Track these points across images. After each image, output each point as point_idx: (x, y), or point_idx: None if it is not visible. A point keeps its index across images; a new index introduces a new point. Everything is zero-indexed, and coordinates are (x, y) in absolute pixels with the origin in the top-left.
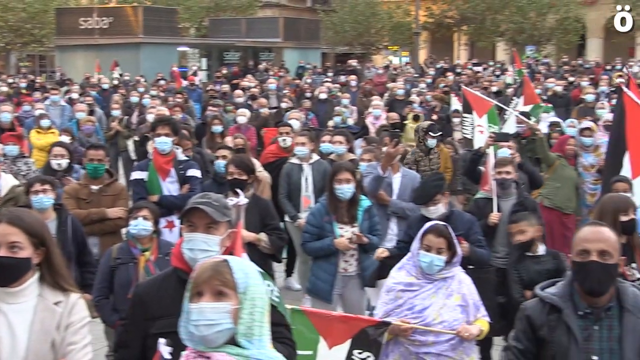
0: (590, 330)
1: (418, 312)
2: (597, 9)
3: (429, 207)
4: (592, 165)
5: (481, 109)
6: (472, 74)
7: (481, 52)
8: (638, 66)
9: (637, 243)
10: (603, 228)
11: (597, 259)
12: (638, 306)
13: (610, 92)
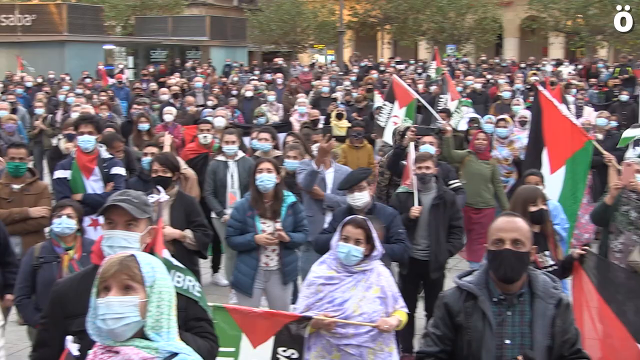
0: (503, 315)
1: (338, 305)
2: (513, 9)
3: (355, 193)
4: (506, 159)
5: (403, 101)
6: (394, 71)
7: (404, 50)
8: (551, 65)
9: (549, 232)
10: (516, 218)
11: (511, 247)
12: (547, 292)
13: (525, 89)
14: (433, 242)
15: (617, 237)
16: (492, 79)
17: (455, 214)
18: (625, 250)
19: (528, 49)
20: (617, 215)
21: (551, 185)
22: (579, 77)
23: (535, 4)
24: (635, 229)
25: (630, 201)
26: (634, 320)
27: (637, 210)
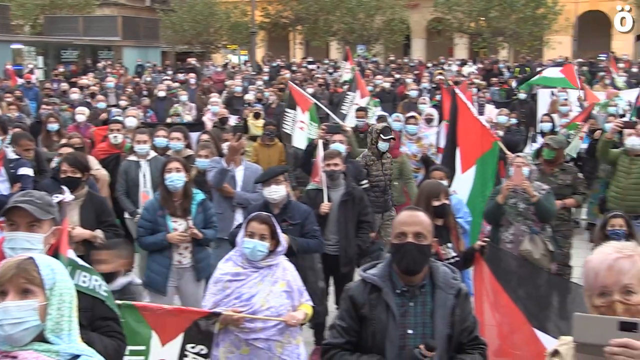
0: (406, 306)
1: (246, 300)
2: (419, 11)
3: (272, 186)
4: (415, 155)
5: (304, 106)
6: (306, 71)
7: (316, 50)
8: (457, 64)
9: (452, 224)
10: (418, 212)
11: (413, 240)
12: (447, 283)
13: (431, 88)
14: (342, 237)
15: (507, 229)
16: (400, 78)
17: (364, 210)
18: (516, 241)
19: (434, 49)
20: (506, 208)
21: (462, 183)
22: (480, 76)
23: (440, 7)
24: (524, 220)
25: (517, 194)
26: (528, 306)
27: (525, 202)
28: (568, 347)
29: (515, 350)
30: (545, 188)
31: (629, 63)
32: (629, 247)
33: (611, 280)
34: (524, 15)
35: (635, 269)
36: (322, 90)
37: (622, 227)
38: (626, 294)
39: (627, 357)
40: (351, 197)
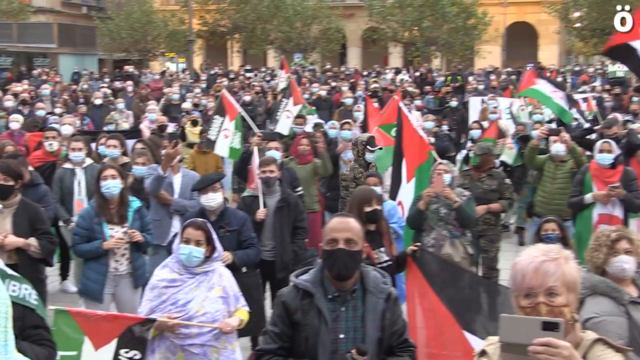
0: (338, 311)
1: (182, 306)
2: (355, 21)
3: (209, 194)
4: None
5: (232, 114)
6: (244, 79)
7: (253, 58)
8: (393, 72)
9: (384, 230)
10: (349, 219)
11: (344, 246)
12: (378, 287)
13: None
14: (278, 243)
15: (429, 234)
16: (337, 86)
17: (299, 216)
18: (437, 245)
19: (370, 58)
20: (428, 214)
21: (407, 193)
22: (414, 84)
23: (374, 16)
24: (445, 224)
25: (439, 199)
26: (457, 308)
27: (447, 207)
28: (495, 347)
29: (443, 350)
30: (466, 194)
31: (555, 72)
32: (555, 250)
33: (537, 282)
34: (456, 25)
35: (560, 272)
36: (259, 98)
37: (555, 231)
38: (550, 296)
39: (549, 356)
40: (287, 204)
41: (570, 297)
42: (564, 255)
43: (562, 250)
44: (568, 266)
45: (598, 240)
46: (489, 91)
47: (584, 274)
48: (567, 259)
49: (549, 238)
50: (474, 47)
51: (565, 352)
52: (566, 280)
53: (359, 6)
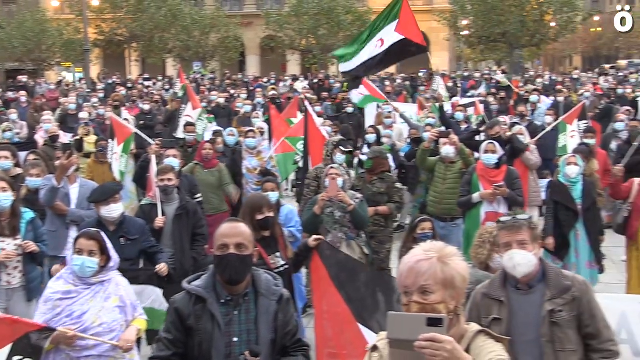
0: (231, 315)
1: (77, 318)
2: (253, 29)
3: (110, 205)
4: (255, 168)
5: (121, 137)
6: (142, 88)
7: (152, 67)
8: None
9: (278, 234)
10: (239, 224)
11: (235, 251)
12: (270, 290)
13: (265, 103)
14: (178, 251)
15: (325, 237)
16: (235, 94)
17: (198, 223)
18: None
19: (268, 65)
20: (323, 217)
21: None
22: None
23: (272, 25)
24: (340, 227)
25: (333, 203)
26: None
27: (341, 210)
28: (385, 342)
29: (344, 350)
30: (358, 197)
31: (447, 78)
32: (435, 249)
33: (410, 282)
34: (351, 33)
35: (433, 270)
36: (158, 107)
37: (430, 230)
38: (424, 294)
39: (433, 350)
40: (185, 211)
41: (447, 294)
42: (443, 254)
43: (443, 249)
44: (445, 264)
45: (482, 237)
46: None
47: (470, 269)
48: (446, 256)
49: (425, 237)
50: None
51: (449, 346)
52: (441, 278)
53: (257, 15)
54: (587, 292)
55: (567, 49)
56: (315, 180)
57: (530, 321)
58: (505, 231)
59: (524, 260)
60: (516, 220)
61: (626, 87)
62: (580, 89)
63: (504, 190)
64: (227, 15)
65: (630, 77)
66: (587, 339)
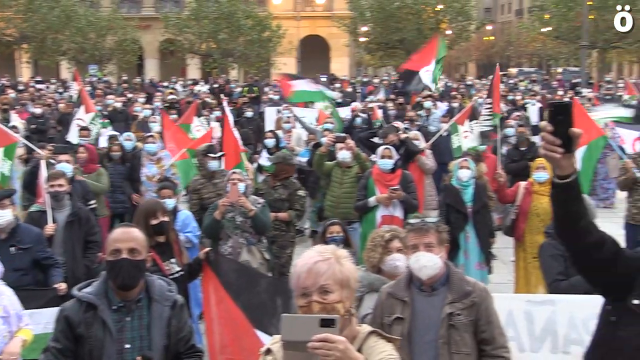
0: (123, 322)
1: None
2: (152, 32)
3: None
4: (154, 176)
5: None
6: (34, 91)
7: (45, 70)
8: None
9: (173, 240)
10: (132, 229)
11: (127, 256)
12: (163, 295)
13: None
14: (69, 259)
15: (226, 242)
16: (133, 98)
17: (91, 230)
18: (235, 253)
19: (168, 69)
20: (224, 222)
21: None
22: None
23: (171, 28)
24: (241, 232)
25: (235, 208)
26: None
27: (242, 215)
28: (279, 345)
29: (239, 356)
30: (260, 201)
31: (347, 83)
32: (329, 251)
33: (310, 282)
34: (252, 38)
35: (332, 271)
36: (51, 110)
37: (339, 234)
38: (323, 294)
39: (326, 351)
40: (77, 218)
41: (343, 294)
42: (338, 255)
43: (336, 251)
44: (341, 265)
45: (374, 241)
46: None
47: (362, 272)
48: (341, 258)
49: (333, 240)
50: (270, 58)
51: (341, 346)
52: (338, 278)
53: (155, 17)
54: (486, 299)
55: (462, 56)
56: (195, 194)
57: (430, 322)
58: (413, 233)
59: (430, 262)
60: (424, 223)
61: (516, 94)
62: (474, 95)
63: (399, 194)
64: (124, 18)
65: (520, 85)
66: (482, 344)
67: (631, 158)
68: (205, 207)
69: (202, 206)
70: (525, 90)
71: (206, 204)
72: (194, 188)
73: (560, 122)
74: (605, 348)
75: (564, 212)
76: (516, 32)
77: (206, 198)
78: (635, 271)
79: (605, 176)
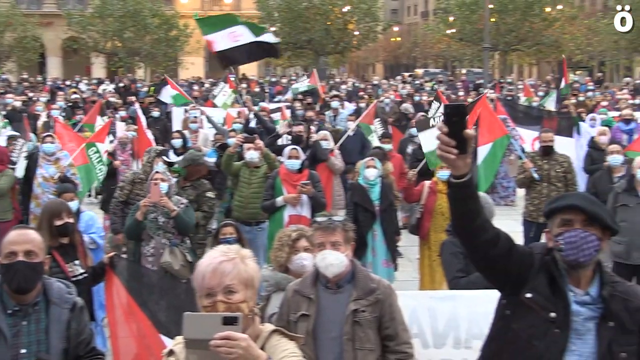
0: (19, 326)
1: None
2: (54, 29)
3: None
4: (52, 177)
5: None
6: None
7: None
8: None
9: (77, 242)
10: (28, 230)
11: (23, 258)
12: (62, 298)
13: (67, 107)
14: None
15: (148, 243)
16: (34, 97)
17: None
18: (157, 254)
19: (71, 68)
20: (146, 223)
21: None
22: (118, 94)
23: (74, 26)
24: (164, 233)
25: (157, 208)
26: (165, 316)
27: (165, 216)
28: (182, 345)
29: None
30: (184, 202)
31: (255, 82)
32: (233, 250)
33: (215, 282)
34: (158, 37)
35: (237, 270)
36: None
37: (232, 235)
38: (228, 294)
39: (228, 348)
40: None
41: (248, 293)
42: (242, 255)
43: (240, 250)
44: (245, 265)
45: (281, 241)
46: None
47: (270, 272)
48: (244, 257)
49: (227, 241)
50: (177, 58)
51: (243, 343)
52: (243, 278)
53: (57, 15)
54: (390, 296)
55: (370, 57)
56: (130, 185)
57: (335, 319)
58: (320, 232)
59: (336, 260)
60: (331, 222)
61: (422, 94)
62: (382, 96)
63: (309, 189)
64: (23, 14)
65: (426, 85)
66: (386, 340)
67: (530, 157)
68: (130, 202)
69: (128, 199)
70: (430, 91)
71: (133, 199)
72: (132, 180)
73: (455, 123)
74: (500, 341)
75: (461, 210)
76: (422, 34)
77: (136, 194)
78: (528, 266)
79: (505, 175)
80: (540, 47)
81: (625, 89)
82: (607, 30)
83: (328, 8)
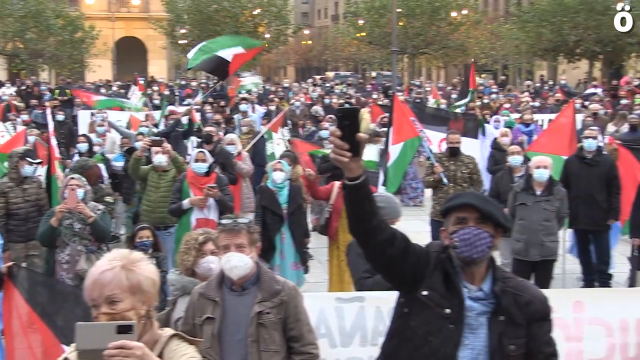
0: None
1: None
2: None
3: None
4: None
5: None
6: None
7: None
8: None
9: None
10: None
11: None
12: None
13: None
14: None
15: (63, 250)
16: None
17: None
18: (72, 261)
19: None
20: (62, 229)
21: None
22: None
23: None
24: (80, 239)
25: (73, 214)
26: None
27: (81, 222)
28: (75, 354)
29: None
30: (100, 208)
31: (164, 85)
32: (119, 257)
33: (96, 294)
34: (63, 38)
35: (117, 279)
36: None
37: (149, 238)
38: (111, 304)
39: (123, 357)
40: None
41: (136, 300)
42: (128, 261)
43: (128, 256)
44: (129, 271)
45: (187, 244)
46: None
47: (176, 276)
48: (132, 262)
49: (143, 245)
50: (83, 60)
51: (138, 351)
52: (126, 286)
53: None
54: (295, 297)
55: (282, 60)
56: (2, 197)
57: (240, 321)
58: (225, 234)
59: (241, 262)
60: (236, 224)
61: (332, 97)
62: (292, 99)
63: (215, 192)
64: None
65: (336, 88)
66: (291, 341)
67: (437, 157)
68: (11, 213)
69: (7, 211)
70: (340, 94)
71: (12, 209)
72: (1, 191)
73: (347, 127)
74: (398, 338)
75: (357, 211)
76: (332, 37)
77: (13, 203)
78: (425, 265)
79: (414, 176)
80: (447, 50)
81: (527, 92)
82: (508, 35)
83: (238, 11)
